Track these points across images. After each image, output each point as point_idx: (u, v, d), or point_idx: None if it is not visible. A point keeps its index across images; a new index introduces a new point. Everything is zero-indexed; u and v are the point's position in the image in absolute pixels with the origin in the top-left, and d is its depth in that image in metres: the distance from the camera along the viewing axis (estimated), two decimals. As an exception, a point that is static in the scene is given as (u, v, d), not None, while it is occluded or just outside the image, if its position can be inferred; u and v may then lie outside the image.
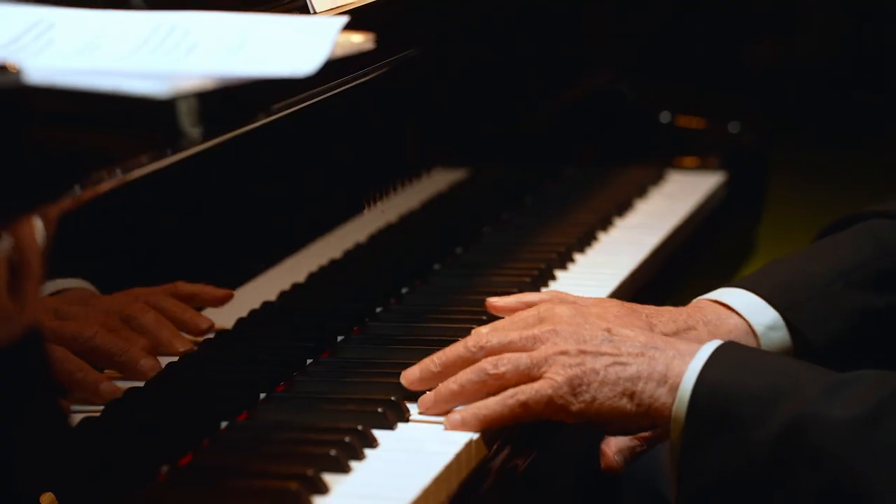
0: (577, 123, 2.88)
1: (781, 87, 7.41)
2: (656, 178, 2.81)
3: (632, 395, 1.70)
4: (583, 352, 1.73)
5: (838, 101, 7.34)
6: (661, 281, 2.42)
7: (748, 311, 1.98)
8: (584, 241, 2.47)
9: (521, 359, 1.73)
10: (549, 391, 1.70)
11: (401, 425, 1.77)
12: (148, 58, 1.48)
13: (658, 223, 2.60)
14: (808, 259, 2.12)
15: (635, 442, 1.83)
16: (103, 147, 1.47)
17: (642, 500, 1.77)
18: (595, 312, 1.82)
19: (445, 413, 1.75)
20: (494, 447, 1.77)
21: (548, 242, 2.43)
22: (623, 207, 2.65)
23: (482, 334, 1.80)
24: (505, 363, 1.73)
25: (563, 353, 1.73)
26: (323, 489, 1.58)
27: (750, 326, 1.98)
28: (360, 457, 1.67)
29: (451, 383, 1.75)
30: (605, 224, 2.56)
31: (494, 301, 1.99)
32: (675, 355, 1.72)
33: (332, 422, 1.75)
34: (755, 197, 2.94)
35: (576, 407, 1.70)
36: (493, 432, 1.76)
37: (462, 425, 1.72)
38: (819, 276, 2.05)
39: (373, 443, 1.71)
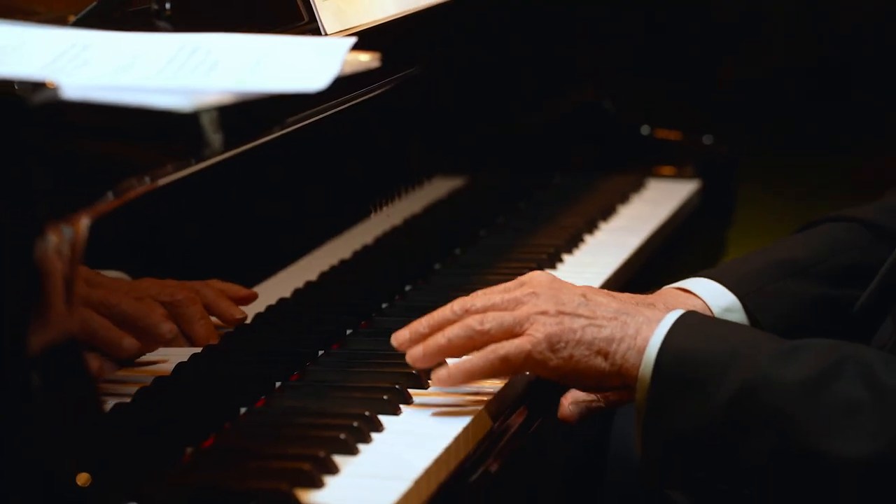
0: (566, 136, 2.88)
1: (751, 99, 7.41)
2: (637, 186, 2.81)
3: (606, 355, 1.72)
4: (561, 312, 1.74)
5: (804, 111, 7.33)
6: (641, 279, 2.42)
7: (707, 294, 2.00)
8: (572, 242, 2.47)
9: (505, 317, 1.74)
10: (529, 346, 1.71)
11: (405, 411, 1.78)
12: (173, 75, 1.48)
13: (639, 226, 2.61)
14: (769, 253, 2.14)
15: (593, 397, 1.83)
16: (133, 156, 1.47)
17: (625, 474, 1.76)
18: (570, 283, 1.83)
19: (432, 366, 1.77)
20: (489, 430, 1.78)
21: (539, 244, 2.44)
22: (607, 212, 2.65)
23: (467, 298, 1.80)
24: (490, 320, 1.74)
25: (543, 312, 1.73)
26: (333, 469, 1.58)
27: (707, 307, 1.99)
28: (367, 440, 1.68)
29: (440, 337, 1.75)
30: (591, 227, 2.56)
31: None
32: (644, 321, 1.73)
33: (341, 408, 1.75)
34: (726, 203, 2.94)
35: (554, 362, 1.72)
36: (489, 416, 1.77)
37: (448, 378, 1.74)
38: (777, 267, 2.08)
39: (379, 427, 1.72)
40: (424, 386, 1.84)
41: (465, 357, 1.75)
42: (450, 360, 1.80)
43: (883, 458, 1.56)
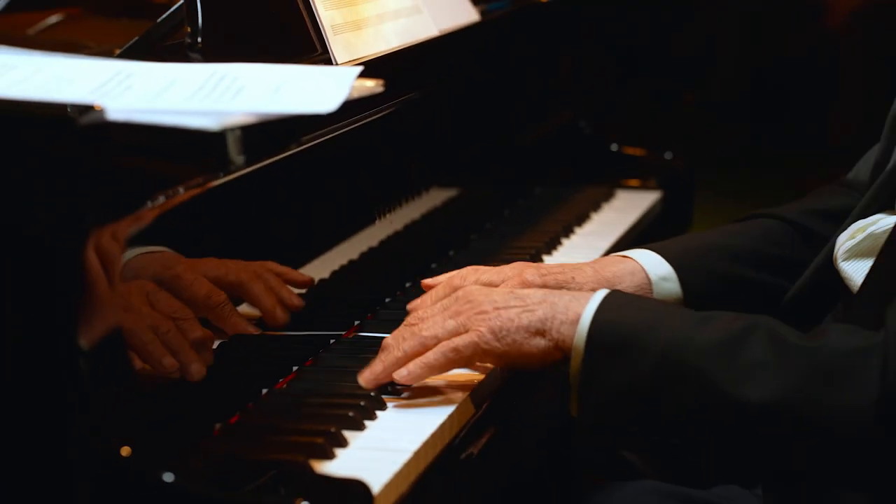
0: (546, 153, 2.88)
1: (707, 119, 7.43)
2: (607, 196, 2.81)
3: (543, 334, 1.71)
4: (497, 308, 1.73)
5: (749, 129, 7.35)
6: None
7: (646, 262, 2.02)
8: (551, 244, 2.47)
9: (449, 322, 1.74)
10: (476, 338, 1.71)
11: (405, 393, 1.77)
12: (204, 100, 1.48)
13: (609, 231, 2.61)
14: (706, 237, 2.17)
15: None
16: (168, 170, 1.47)
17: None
18: (496, 287, 1.83)
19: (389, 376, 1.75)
20: (477, 412, 1.78)
21: (522, 246, 2.43)
22: (581, 218, 2.65)
23: (412, 316, 1.81)
24: (437, 327, 1.74)
25: (483, 312, 1.73)
26: (343, 442, 1.59)
27: (646, 273, 2.02)
28: (372, 417, 1.68)
29: (396, 351, 1.74)
30: (568, 231, 2.56)
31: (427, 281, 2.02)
32: (571, 299, 1.73)
33: (350, 389, 1.75)
34: (685, 210, 2.95)
35: (500, 349, 1.72)
36: (472, 402, 1.78)
37: (409, 375, 1.72)
38: (711, 249, 2.11)
39: (383, 406, 1.72)
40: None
41: (422, 356, 1.73)
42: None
43: (782, 400, 1.56)
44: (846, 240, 1.92)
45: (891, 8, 6.67)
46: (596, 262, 2.04)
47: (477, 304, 1.75)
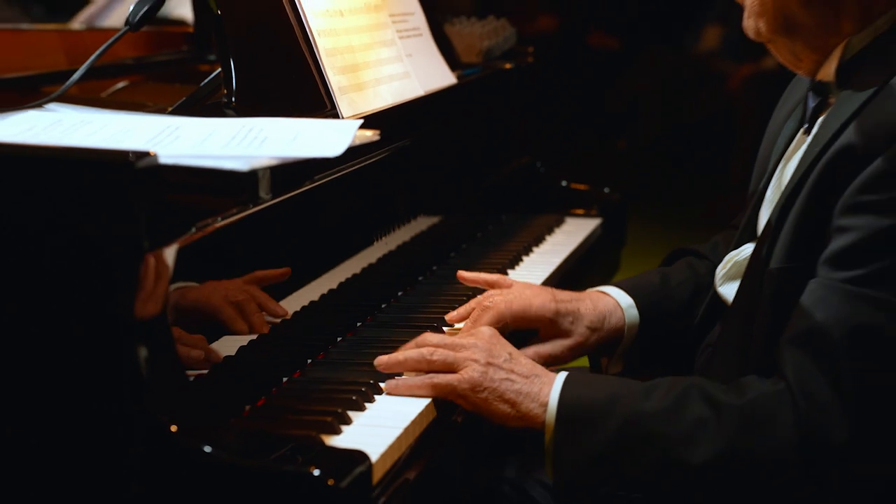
0: (509, 188, 2.88)
1: (635, 162, 7.46)
2: (559, 222, 2.80)
3: (513, 404, 1.66)
4: (489, 363, 1.68)
5: (669, 170, 7.38)
6: (562, 284, 2.38)
7: (617, 296, 2.03)
8: (514, 261, 2.45)
9: (449, 355, 1.69)
10: (455, 383, 1.67)
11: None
12: (236, 147, 1.49)
13: (560, 250, 2.59)
14: (654, 274, 2.14)
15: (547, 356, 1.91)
16: (208, 203, 1.46)
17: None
18: (504, 340, 1.77)
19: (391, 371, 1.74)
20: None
21: (491, 262, 2.42)
22: (538, 240, 2.64)
23: (430, 337, 1.77)
24: (439, 355, 1.69)
25: (475, 360, 1.68)
26: (347, 421, 1.58)
27: (619, 305, 2.02)
28: (371, 400, 1.68)
29: (399, 355, 1.72)
30: (528, 250, 2.55)
31: (464, 273, 2.04)
32: (545, 382, 1.67)
33: (353, 377, 1.74)
34: (619, 233, 2.95)
35: (471, 400, 1.67)
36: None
37: (395, 388, 1.69)
38: (658, 284, 2.10)
39: (380, 391, 1.71)
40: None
41: (414, 379, 1.70)
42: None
43: (723, 456, 1.53)
44: (721, 269, 1.93)
45: (775, 76, 6.70)
46: (591, 296, 2.03)
47: (477, 350, 1.70)
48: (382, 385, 1.72)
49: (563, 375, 1.67)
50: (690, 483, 1.57)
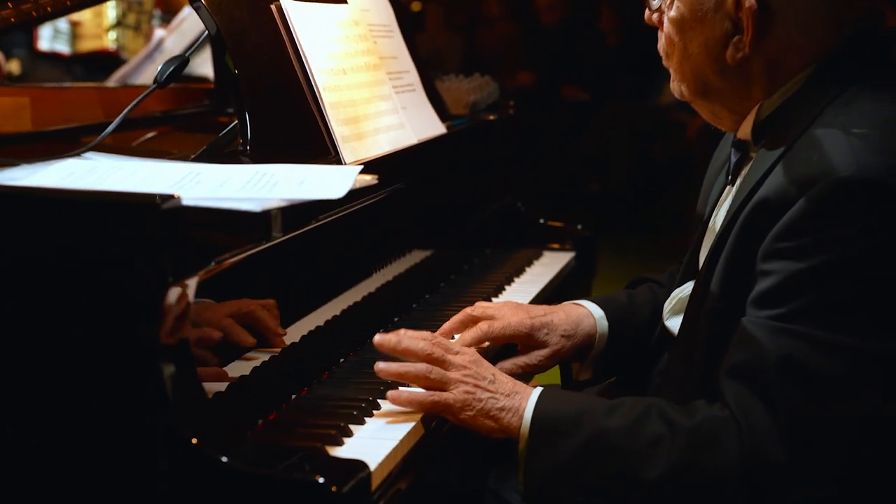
0: (493, 225, 2.88)
1: (605, 201, 7.48)
2: (537, 255, 2.80)
3: (495, 419, 1.65)
4: (477, 385, 1.67)
5: (635, 208, 7.40)
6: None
7: (591, 308, 2.04)
8: (497, 290, 2.45)
9: (444, 375, 1.68)
10: (450, 400, 1.66)
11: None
12: (250, 190, 1.49)
13: (538, 280, 2.59)
14: (621, 294, 2.16)
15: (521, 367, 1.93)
16: (225, 240, 1.46)
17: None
18: (488, 363, 1.76)
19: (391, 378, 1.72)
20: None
21: (477, 291, 2.42)
22: (519, 271, 2.63)
23: (436, 347, 1.73)
24: (435, 374, 1.68)
25: (465, 382, 1.67)
26: (349, 433, 1.57)
27: (592, 315, 2.02)
28: (371, 415, 1.67)
29: (401, 367, 1.69)
30: (509, 280, 2.54)
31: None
32: (524, 397, 1.66)
33: (355, 394, 1.73)
34: (590, 265, 2.95)
35: (461, 416, 1.66)
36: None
37: (395, 399, 1.67)
38: (625, 300, 2.11)
39: (378, 407, 1.70)
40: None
41: (415, 393, 1.69)
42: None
43: (674, 471, 1.52)
44: (667, 304, 1.94)
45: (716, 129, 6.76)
46: (564, 308, 2.04)
47: (468, 373, 1.69)
48: (381, 402, 1.70)
49: (538, 391, 1.66)
50: (644, 495, 1.55)
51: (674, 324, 1.87)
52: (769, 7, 1.60)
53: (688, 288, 1.85)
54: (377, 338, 1.75)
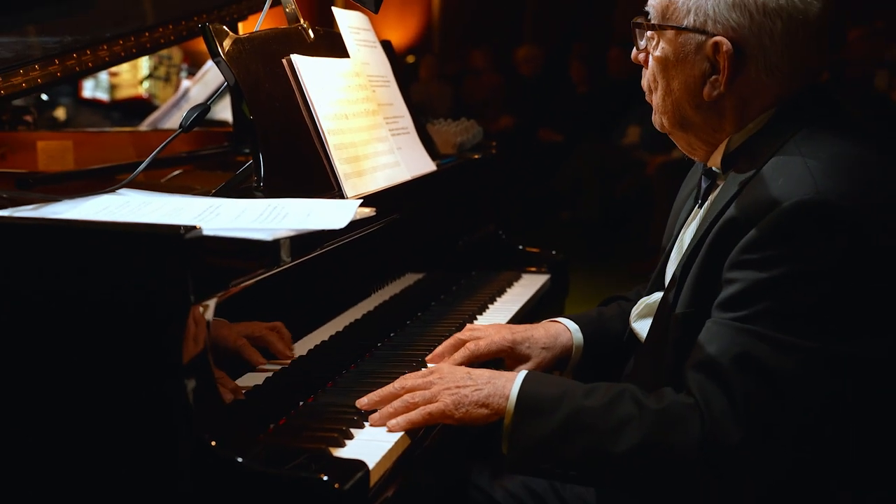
0: (477, 251, 2.87)
1: (576, 230, 7.49)
2: (516, 277, 2.80)
3: (486, 405, 1.64)
4: (457, 387, 1.66)
5: (602, 236, 7.41)
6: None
7: (567, 323, 2.04)
8: (482, 308, 2.44)
9: (426, 393, 1.66)
10: (443, 407, 1.64)
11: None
12: (263, 221, 1.48)
13: (518, 300, 2.58)
14: (593, 311, 2.14)
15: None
16: (241, 265, 1.45)
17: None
18: (458, 367, 1.77)
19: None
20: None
21: (463, 310, 2.41)
22: (501, 292, 2.62)
23: (404, 379, 1.72)
24: (418, 396, 1.66)
25: (447, 388, 1.66)
26: (350, 436, 1.57)
27: (568, 329, 2.03)
28: (369, 420, 1.65)
29: (389, 408, 1.66)
30: (492, 300, 2.53)
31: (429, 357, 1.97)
32: (506, 381, 1.66)
33: (355, 402, 1.71)
34: (563, 286, 2.93)
35: (457, 416, 1.65)
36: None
37: (395, 426, 1.63)
38: (596, 316, 2.10)
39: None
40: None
41: (407, 414, 1.66)
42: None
43: (640, 447, 1.52)
44: (635, 309, 1.94)
45: (680, 164, 6.75)
46: (543, 325, 2.05)
47: (444, 381, 1.68)
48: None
49: (523, 374, 1.66)
50: (614, 467, 1.55)
51: (640, 326, 1.88)
52: (743, 52, 1.62)
53: (655, 296, 1.86)
54: (364, 401, 1.71)
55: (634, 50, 1.78)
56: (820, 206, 1.47)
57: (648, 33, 1.73)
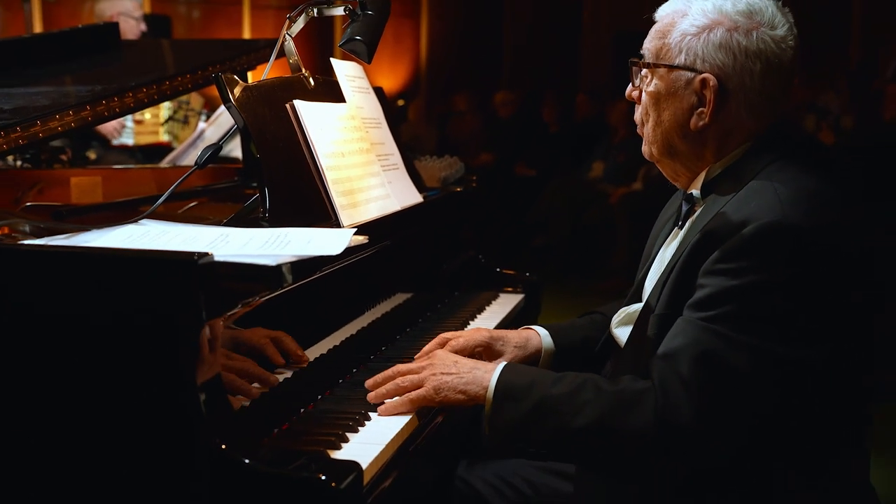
0: (459, 273, 2.86)
1: (548, 255, 7.48)
2: (494, 297, 2.79)
3: (465, 392, 1.67)
4: (442, 373, 1.69)
5: (569, 260, 7.41)
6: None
7: (539, 330, 2.05)
8: (464, 324, 2.43)
9: (414, 378, 1.70)
10: (424, 393, 1.67)
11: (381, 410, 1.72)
12: (268, 248, 1.47)
13: (495, 316, 2.57)
14: (565, 322, 2.14)
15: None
16: (248, 287, 1.45)
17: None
18: (450, 354, 1.80)
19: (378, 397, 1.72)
20: (422, 422, 1.72)
21: (448, 325, 2.40)
22: (480, 309, 2.62)
23: (400, 366, 1.78)
24: (407, 381, 1.70)
25: (433, 374, 1.69)
26: (346, 440, 1.56)
27: (539, 335, 2.04)
28: (363, 424, 1.65)
29: (382, 389, 1.71)
30: (473, 317, 2.53)
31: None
32: (485, 371, 1.68)
33: (350, 408, 1.71)
34: (536, 305, 2.92)
35: (438, 399, 1.67)
36: (417, 417, 1.71)
37: (386, 410, 1.68)
38: (567, 325, 2.11)
39: (369, 418, 1.68)
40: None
41: (397, 399, 1.70)
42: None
43: (597, 424, 1.54)
44: (616, 317, 1.94)
45: (639, 196, 6.79)
46: (517, 330, 2.07)
47: (431, 367, 1.72)
48: (371, 414, 1.68)
49: (502, 365, 1.69)
50: (577, 445, 1.57)
51: (620, 333, 1.89)
52: (726, 89, 1.65)
53: (635, 306, 1.87)
54: (369, 382, 1.77)
55: (630, 87, 1.80)
56: (785, 228, 1.50)
57: (643, 72, 1.75)
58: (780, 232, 1.50)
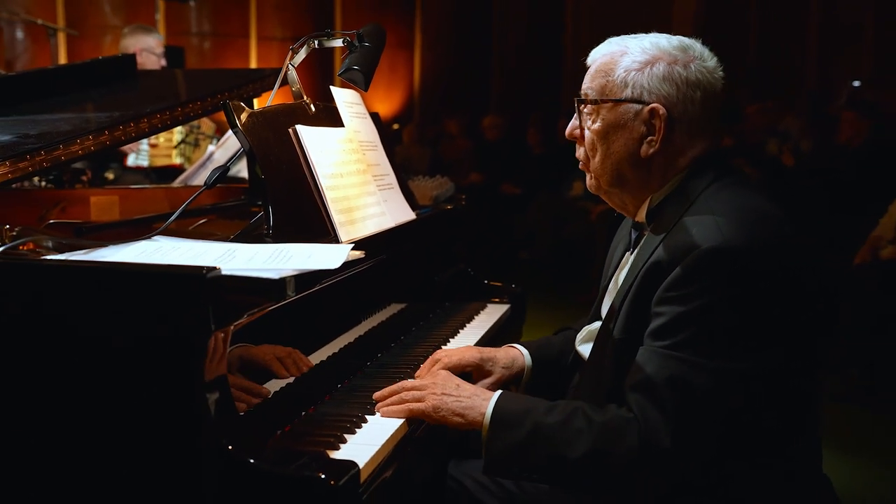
0: (450, 285, 2.85)
1: (533, 268, 7.47)
2: (482, 307, 2.78)
3: (462, 416, 1.65)
4: (444, 393, 1.68)
5: (554, 275, 7.40)
6: (485, 346, 2.36)
7: (519, 347, 2.04)
8: (454, 333, 2.43)
9: (417, 393, 1.69)
10: (423, 408, 1.66)
11: (377, 414, 1.71)
12: (271, 262, 1.46)
13: (484, 325, 2.56)
14: (543, 339, 2.13)
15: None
16: (252, 300, 1.44)
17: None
18: (454, 376, 1.78)
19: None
20: (413, 426, 1.71)
21: (439, 334, 2.39)
22: (469, 319, 2.61)
23: (407, 382, 1.77)
24: (409, 396, 1.69)
25: (434, 393, 1.68)
26: (344, 441, 1.55)
27: (521, 353, 2.03)
28: (360, 426, 1.65)
29: (390, 402, 1.71)
30: (462, 326, 2.52)
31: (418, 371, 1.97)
32: (484, 398, 1.67)
33: (349, 411, 1.71)
34: (521, 315, 2.91)
35: (435, 417, 1.67)
36: (411, 423, 1.71)
37: (385, 413, 1.68)
38: (545, 342, 2.09)
39: (366, 420, 1.67)
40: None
41: (397, 406, 1.70)
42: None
43: (590, 453, 1.54)
44: (579, 336, 1.95)
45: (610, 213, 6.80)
46: (504, 349, 2.06)
47: (434, 386, 1.71)
48: (368, 417, 1.68)
49: (498, 393, 1.67)
50: (569, 471, 1.56)
51: (583, 349, 1.89)
52: (672, 117, 1.66)
53: (595, 324, 1.87)
54: (376, 395, 1.77)
55: (570, 126, 1.79)
56: (724, 251, 1.50)
57: (586, 110, 1.74)
58: (719, 255, 1.50)
